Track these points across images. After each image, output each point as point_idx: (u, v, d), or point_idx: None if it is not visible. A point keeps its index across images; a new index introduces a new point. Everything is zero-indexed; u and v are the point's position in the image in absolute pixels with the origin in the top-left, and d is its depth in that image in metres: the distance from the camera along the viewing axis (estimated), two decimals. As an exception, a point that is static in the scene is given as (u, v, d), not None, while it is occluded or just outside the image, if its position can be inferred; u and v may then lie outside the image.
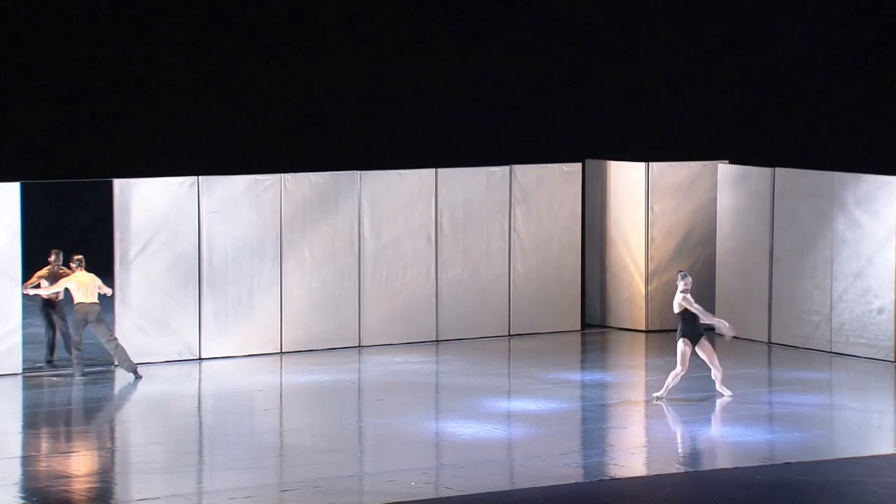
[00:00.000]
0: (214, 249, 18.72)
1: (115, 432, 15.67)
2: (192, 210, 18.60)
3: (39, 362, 18.00)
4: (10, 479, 13.33)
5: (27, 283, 17.74)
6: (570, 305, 20.77)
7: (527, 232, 20.50)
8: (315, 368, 18.34)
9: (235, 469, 13.67)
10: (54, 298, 18.01)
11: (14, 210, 17.61)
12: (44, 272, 17.95)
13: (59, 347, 18.19)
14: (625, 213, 20.85)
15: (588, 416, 16.02)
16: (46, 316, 18.09)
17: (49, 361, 18.06)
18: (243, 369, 18.34)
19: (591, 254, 21.24)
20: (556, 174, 20.70)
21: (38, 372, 17.82)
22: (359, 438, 15.15)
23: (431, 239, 19.96)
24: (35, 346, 18.41)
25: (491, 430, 15.18)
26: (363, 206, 19.56)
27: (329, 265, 19.39)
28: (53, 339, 18.14)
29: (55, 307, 18.11)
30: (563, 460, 13.94)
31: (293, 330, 19.16)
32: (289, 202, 19.16)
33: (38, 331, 18.66)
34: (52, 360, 18.09)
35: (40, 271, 17.93)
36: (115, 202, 18.23)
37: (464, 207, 20.13)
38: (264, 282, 18.98)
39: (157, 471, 13.67)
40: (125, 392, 17.36)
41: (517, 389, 17.33)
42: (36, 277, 17.85)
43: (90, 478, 13.55)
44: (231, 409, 16.56)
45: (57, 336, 18.17)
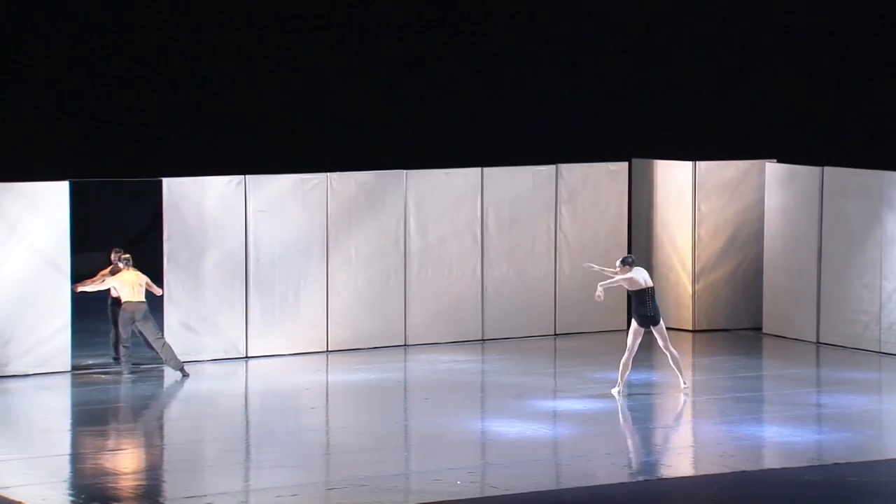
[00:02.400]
0: (261, 248, 18.79)
1: (163, 430, 15.75)
2: (240, 209, 18.67)
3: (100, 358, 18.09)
4: (59, 476, 13.44)
5: (87, 281, 17.86)
6: (617, 305, 20.68)
7: (573, 231, 20.44)
8: (361, 367, 18.36)
9: (282, 467, 13.71)
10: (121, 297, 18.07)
11: (64, 208, 17.75)
12: (106, 271, 18.08)
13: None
14: (671, 213, 20.77)
15: (634, 416, 15.97)
16: (113, 314, 18.18)
17: (115, 359, 18.16)
18: (289, 368, 18.39)
19: (637, 253, 21.13)
20: (602, 173, 20.63)
21: (90, 370, 17.94)
22: (405, 437, 15.15)
23: (477, 238, 19.94)
24: (85, 345, 18.53)
25: (537, 429, 15.16)
26: (409, 205, 19.57)
27: (375, 264, 19.41)
28: (117, 337, 18.23)
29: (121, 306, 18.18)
30: (610, 460, 13.90)
31: (339, 328, 19.19)
32: (335, 201, 19.20)
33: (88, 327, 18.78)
34: (117, 357, 18.19)
35: (103, 270, 18.05)
36: (165, 201, 18.32)
37: (510, 206, 20.11)
38: (311, 280, 19.03)
39: (204, 468, 13.73)
40: (172, 390, 17.45)
41: (563, 388, 17.29)
42: (99, 276, 17.99)
43: (138, 475, 13.63)
44: (277, 407, 16.61)
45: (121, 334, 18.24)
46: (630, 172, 20.93)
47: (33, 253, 17.57)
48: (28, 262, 17.55)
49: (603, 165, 20.65)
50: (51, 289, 17.64)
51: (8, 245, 17.47)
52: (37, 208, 17.59)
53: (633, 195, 20.99)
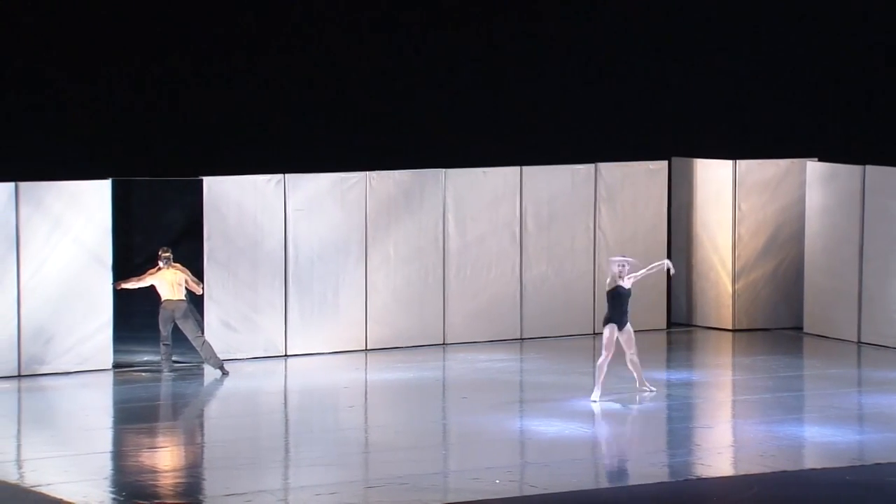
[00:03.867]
0: (300, 247, 18.86)
1: (203, 428, 15.83)
2: (279, 208, 18.74)
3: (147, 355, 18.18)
4: (100, 473, 13.53)
5: (133, 279, 17.96)
6: (656, 304, 20.64)
7: (612, 230, 20.41)
8: (399, 365, 18.39)
9: (321, 465, 13.76)
10: None
11: (105, 207, 17.87)
12: (154, 270, 18.17)
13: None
14: (711, 212, 20.70)
15: (674, 415, 15.92)
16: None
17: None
18: (328, 366, 18.44)
19: (677, 252, 21.10)
20: (641, 172, 20.59)
21: (130, 368, 18.05)
22: (443, 436, 15.17)
23: (516, 237, 19.94)
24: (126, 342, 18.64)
25: (576, 428, 15.14)
26: (448, 204, 19.59)
27: (414, 263, 19.44)
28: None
29: None
30: (649, 459, 13.87)
31: (378, 327, 19.24)
32: (374, 200, 19.24)
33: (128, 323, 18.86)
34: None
35: (151, 270, 18.15)
36: (205, 200, 18.41)
37: (548, 205, 20.09)
38: (349, 279, 19.08)
39: (243, 466, 13.79)
40: (212, 388, 17.54)
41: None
42: (147, 274, 18.09)
43: (178, 473, 13.70)
44: (316, 405, 16.67)
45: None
46: (669, 171, 20.86)
47: (75, 251, 17.70)
48: (70, 260, 17.68)
49: (642, 164, 20.60)
50: (93, 287, 17.76)
51: (50, 243, 17.61)
52: (79, 207, 17.72)
53: (672, 194, 20.92)
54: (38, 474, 13.40)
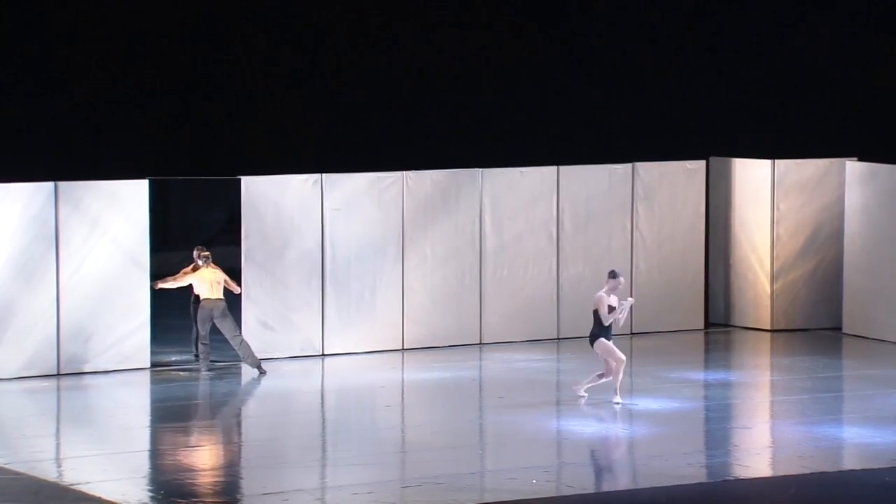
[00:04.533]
0: (337, 246, 18.90)
1: (241, 427, 15.89)
2: (316, 207, 18.79)
3: (181, 355, 18.28)
4: (138, 472, 13.60)
5: (169, 278, 18.05)
6: (694, 304, 20.57)
7: (649, 230, 20.35)
8: (436, 365, 18.40)
9: (358, 465, 13.79)
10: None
11: (143, 207, 17.96)
12: (189, 269, 18.27)
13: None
14: (750, 212, 20.62)
15: (711, 416, 15.87)
16: (195, 313, 18.35)
17: (196, 356, 18.34)
18: (365, 365, 18.47)
19: (714, 252, 21.02)
20: (679, 172, 20.52)
21: (168, 367, 18.14)
22: (480, 435, 15.17)
23: (553, 236, 19.92)
24: (164, 341, 18.73)
25: (613, 428, 15.11)
26: (484, 204, 19.59)
27: (450, 263, 19.45)
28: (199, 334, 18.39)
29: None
30: (686, 460, 13.83)
31: (415, 327, 19.25)
32: (411, 200, 19.26)
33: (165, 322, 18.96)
34: (198, 355, 18.36)
35: (186, 268, 18.25)
36: (243, 200, 18.48)
37: (585, 205, 20.06)
38: (386, 279, 19.10)
39: (280, 465, 13.83)
40: (250, 387, 17.59)
41: (639, 388, 17.20)
42: (182, 274, 18.18)
43: (216, 472, 13.76)
44: (353, 405, 16.70)
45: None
46: (708, 171, 20.78)
47: (113, 251, 17.80)
48: (108, 259, 17.78)
49: (680, 164, 20.53)
50: (131, 286, 17.85)
51: (88, 243, 17.71)
52: (117, 206, 17.82)
53: (710, 194, 20.85)
54: (77, 473, 13.48)
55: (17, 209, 17.40)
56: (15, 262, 17.39)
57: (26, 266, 17.44)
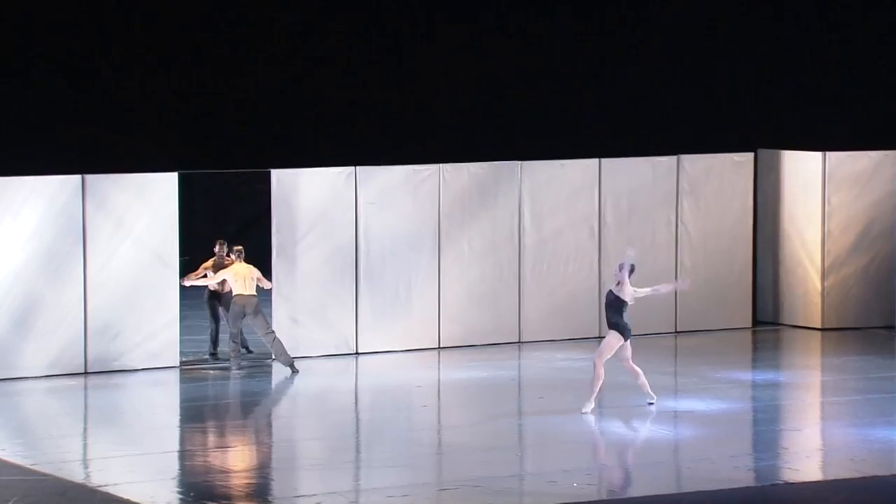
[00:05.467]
0: (372, 241, 18.92)
1: (272, 427, 15.93)
2: (350, 201, 18.81)
3: (203, 354, 18.37)
4: (168, 473, 13.65)
5: (192, 275, 18.13)
6: (741, 301, 20.49)
7: (695, 224, 20.28)
8: (474, 364, 18.39)
9: (392, 466, 13.80)
10: (220, 290, 18.36)
11: (172, 200, 18.02)
12: (209, 263, 18.33)
13: (222, 341, 18.53)
14: (799, 206, 20.51)
15: (760, 418, 15.80)
16: (211, 308, 18.44)
17: (212, 354, 18.43)
18: (401, 364, 18.48)
19: (763, 248, 20.93)
20: (726, 164, 20.44)
21: (198, 365, 18.21)
22: (519, 437, 15.16)
23: (594, 231, 19.87)
24: (194, 340, 18.81)
25: (657, 430, 15.07)
26: (524, 198, 19.57)
27: (488, 258, 19.44)
28: (216, 331, 18.50)
29: (220, 299, 18.46)
30: (733, 463, 13.78)
31: (452, 324, 19.26)
32: (447, 193, 19.26)
33: (196, 323, 19.06)
34: (214, 353, 18.45)
35: (206, 262, 18.32)
36: (273, 193, 18.53)
37: (628, 199, 20.01)
38: (422, 275, 19.11)
39: (314, 467, 13.86)
40: (282, 386, 17.64)
41: (684, 389, 17.16)
42: (202, 269, 18.24)
43: (247, 473, 13.79)
44: (388, 405, 16.72)
45: (220, 329, 18.51)
46: (756, 163, 20.70)
47: (142, 246, 17.88)
48: (136, 255, 17.86)
49: (727, 156, 20.45)
50: (159, 283, 17.93)
51: (116, 238, 17.79)
52: (145, 200, 17.89)
53: (758, 187, 20.76)
54: (105, 474, 13.55)
55: (43, 203, 17.51)
56: (41, 257, 17.49)
57: (52, 261, 17.54)
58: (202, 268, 18.21)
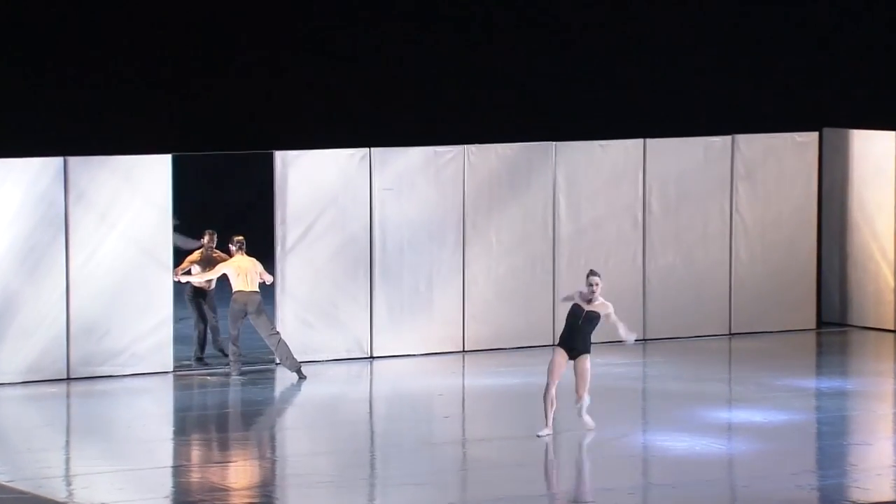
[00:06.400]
0: (388, 232, 18.93)
1: (276, 440, 15.96)
2: (363, 187, 18.82)
3: (187, 360, 18.40)
4: (160, 491, 13.69)
5: (178, 269, 18.14)
6: (804, 300, 20.44)
7: (752, 213, 20.24)
8: (503, 370, 18.40)
9: (411, 484, 13.83)
10: (206, 287, 18.40)
11: (164, 186, 18.04)
12: (196, 256, 18.33)
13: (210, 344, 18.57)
14: (870, 192, 20.46)
15: (825, 431, 15.79)
16: (196, 307, 18.47)
17: (199, 359, 18.46)
18: (421, 370, 18.50)
19: (828, 239, 20.87)
20: (787, 145, 20.39)
21: (194, 370, 18.24)
22: (553, 452, 15.16)
23: (638, 221, 19.85)
24: (188, 342, 18.84)
25: (708, 444, 15.07)
26: (559, 183, 19.55)
27: (519, 251, 19.44)
28: (204, 333, 18.53)
29: (206, 297, 18.50)
30: (795, 481, 13.77)
31: (478, 325, 19.26)
32: (473, 178, 19.25)
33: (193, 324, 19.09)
34: (201, 357, 18.48)
35: (192, 255, 18.33)
36: (277, 177, 18.55)
37: (677, 184, 19.97)
38: (445, 270, 19.12)
39: (323, 485, 13.89)
40: (287, 394, 17.67)
41: (740, 398, 17.13)
42: (188, 262, 18.23)
43: (248, 492, 13.83)
44: (407, 415, 16.74)
45: (208, 330, 18.54)
46: (821, 144, 20.65)
47: (131, 237, 17.90)
48: (126, 247, 17.88)
49: (788, 136, 20.41)
50: (150, 278, 17.95)
51: (102, 227, 17.79)
52: (135, 185, 17.92)
53: (823, 171, 20.71)
54: (90, 491, 13.59)
55: (21, 189, 17.54)
56: (18, 249, 17.54)
57: (31, 254, 17.59)
58: (187, 261, 18.20)
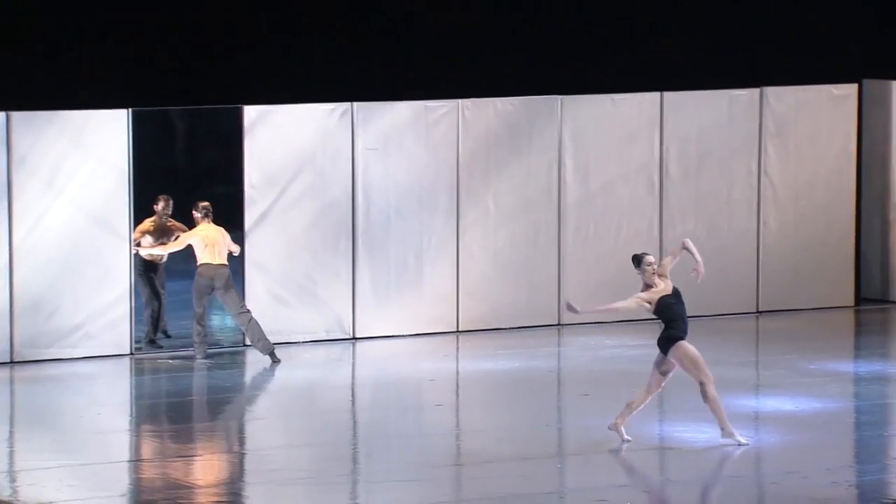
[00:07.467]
0: (372, 198, 18.97)
1: (246, 431, 16.02)
2: (345, 146, 18.85)
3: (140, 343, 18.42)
4: (115, 488, 13.75)
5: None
6: (841, 273, 20.51)
7: (782, 176, 20.29)
8: (502, 353, 18.47)
9: (398, 481, 13.89)
10: (157, 260, 18.42)
11: (121, 146, 18.07)
12: (148, 225, 18.36)
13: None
14: (915, 151, 20.53)
15: (864, 420, 15.87)
16: (148, 282, 18.48)
17: (151, 341, 18.49)
18: (409, 352, 18.57)
19: (869, 205, 20.93)
20: (822, 99, 20.44)
21: (154, 353, 18.29)
22: (558, 444, 15.22)
23: (654, 185, 19.90)
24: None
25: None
26: (565, 142, 19.59)
27: (520, 219, 19.48)
28: (158, 312, 18.55)
29: (157, 271, 18.53)
30: (830, 477, 13.85)
31: (473, 303, 19.32)
32: (468, 137, 19.28)
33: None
34: (154, 339, 18.52)
35: (143, 224, 18.33)
36: (245, 135, 18.56)
37: (697, 143, 20.02)
38: (436, 240, 19.17)
39: (298, 481, 13.95)
40: (259, 380, 17.73)
41: (768, 383, 17.23)
42: (139, 233, 18.24)
43: (214, 489, 13.88)
44: (394, 403, 16.80)
45: (163, 309, 18.57)
46: (860, 97, 20.69)
47: (84, 202, 17.92)
48: (76, 212, 17.92)
49: (824, 88, 20.45)
50: (105, 249, 18.00)
51: (51, 191, 17.82)
52: (89, 143, 17.93)
53: (863, 129, 20.76)
54: (37, 489, 13.64)
55: (-42, 148, 17.57)
56: (-45, 216, 17.58)
57: (-30, 222, 17.63)
58: (138, 231, 18.19)
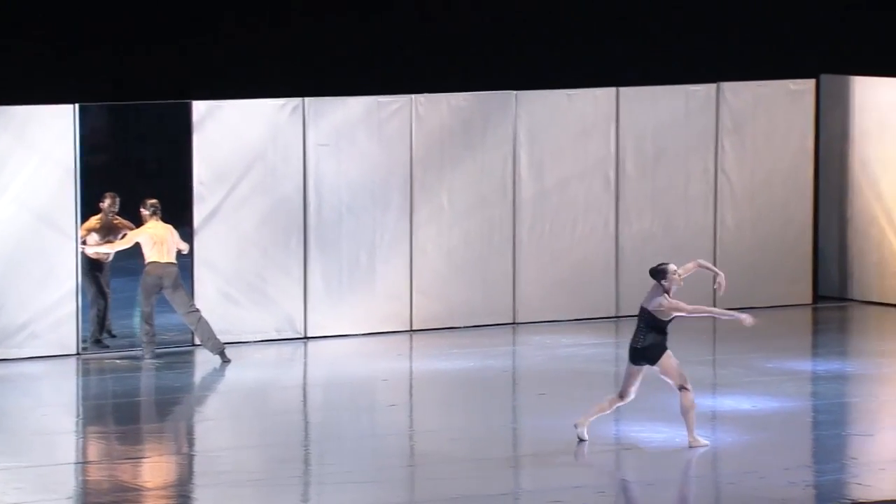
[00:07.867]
0: (324, 195, 18.95)
1: (196, 433, 15.98)
2: (296, 142, 18.82)
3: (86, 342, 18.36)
4: (61, 490, 13.69)
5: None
6: (798, 271, 20.58)
7: (739, 172, 20.35)
8: (456, 352, 18.48)
9: (352, 483, 13.88)
10: (103, 259, 18.37)
11: (68, 141, 18.00)
12: (94, 223, 18.30)
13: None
14: (874, 147, 20.60)
15: (822, 419, 15.92)
16: (94, 281, 18.42)
17: (97, 341, 18.43)
18: (362, 352, 18.55)
19: (827, 202, 21.00)
20: (780, 94, 20.51)
21: (101, 353, 18.23)
22: (513, 445, 15.23)
23: (610, 181, 19.93)
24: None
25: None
26: (519, 138, 19.61)
27: (474, 216, 19.49)
28: (104, 312, 18.50)
29: (103, 270, 18.47)
30: (788, 477, 13.90)
31: (427, 301, 19.32)
32: (421, 132, 19.28)
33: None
34: (100, 339, 18.46)
35: (89, 222, 18.27)
36: (195, 131, 18.52)
37: (654, 139, 20.06)
38: (389, 238, 19.16)
39: (249, 483, 13.93)
40: (209, 380, 17.70)
41: (725, 382, 17.28)
42: (85, 231, 18.17)
43: (163, 491, 13.85)
44: (346, 404, 16.79)
45: (108, 309, 18.51)
46: (818, 93, 20.76)
47: (28, 199, 17.85)
48: (20, 210, 17.85)
49: (781, 84, 20.52)
50: (51, 247, 17.92)
51: (-6, 189, 17.78)
52: (34, 139, 17.86)
53: (821, 124, 20.83)
54: (-19, 492, 13.61)
55: None
56: None
57: (-88, 220, 17.55)
58: (84, 229, 18.13)
